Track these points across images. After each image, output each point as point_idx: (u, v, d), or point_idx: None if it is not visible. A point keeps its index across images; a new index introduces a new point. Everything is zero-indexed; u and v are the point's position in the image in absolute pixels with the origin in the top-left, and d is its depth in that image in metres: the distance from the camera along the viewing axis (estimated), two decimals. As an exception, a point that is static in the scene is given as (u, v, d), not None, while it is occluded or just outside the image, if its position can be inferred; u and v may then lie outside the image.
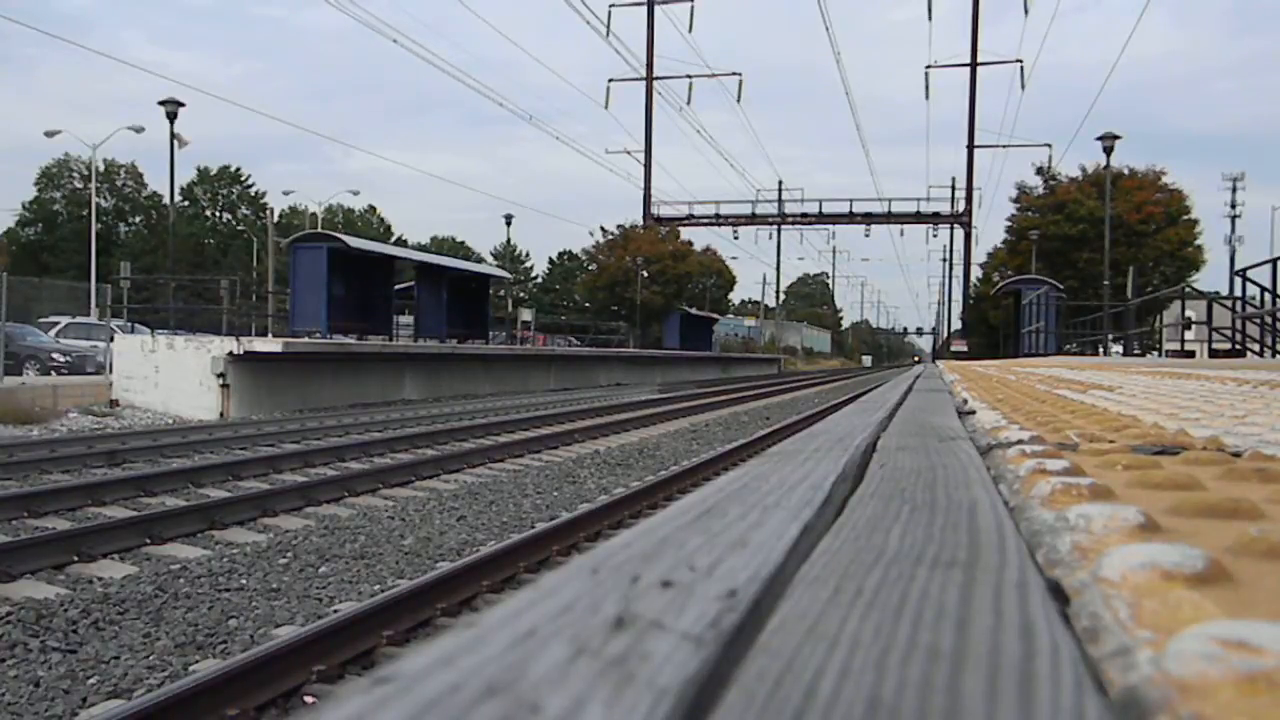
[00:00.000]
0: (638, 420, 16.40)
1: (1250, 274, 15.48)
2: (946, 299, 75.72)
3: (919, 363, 50.12)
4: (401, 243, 63.78)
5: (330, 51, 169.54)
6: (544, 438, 13.00)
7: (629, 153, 55.53)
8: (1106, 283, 25.30)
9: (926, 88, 71.61)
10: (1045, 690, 0.42)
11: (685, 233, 53.38)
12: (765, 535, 0.72)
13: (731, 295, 70.72)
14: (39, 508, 7.41)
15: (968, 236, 51.40)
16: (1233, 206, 55.88)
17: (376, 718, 0.37)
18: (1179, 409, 2.36)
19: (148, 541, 6.57)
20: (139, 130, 37.44)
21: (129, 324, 25.31)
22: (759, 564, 0.62)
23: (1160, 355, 21.37)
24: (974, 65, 49.61)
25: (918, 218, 54.09)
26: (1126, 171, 36.51)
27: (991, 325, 40.51)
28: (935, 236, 78.38)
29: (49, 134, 39.70)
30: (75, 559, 6.00)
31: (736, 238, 59.15)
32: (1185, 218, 36.52)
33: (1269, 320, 15.49)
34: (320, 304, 22.41)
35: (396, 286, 27.16)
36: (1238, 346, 16.86)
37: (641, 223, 51.92)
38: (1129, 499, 0.91)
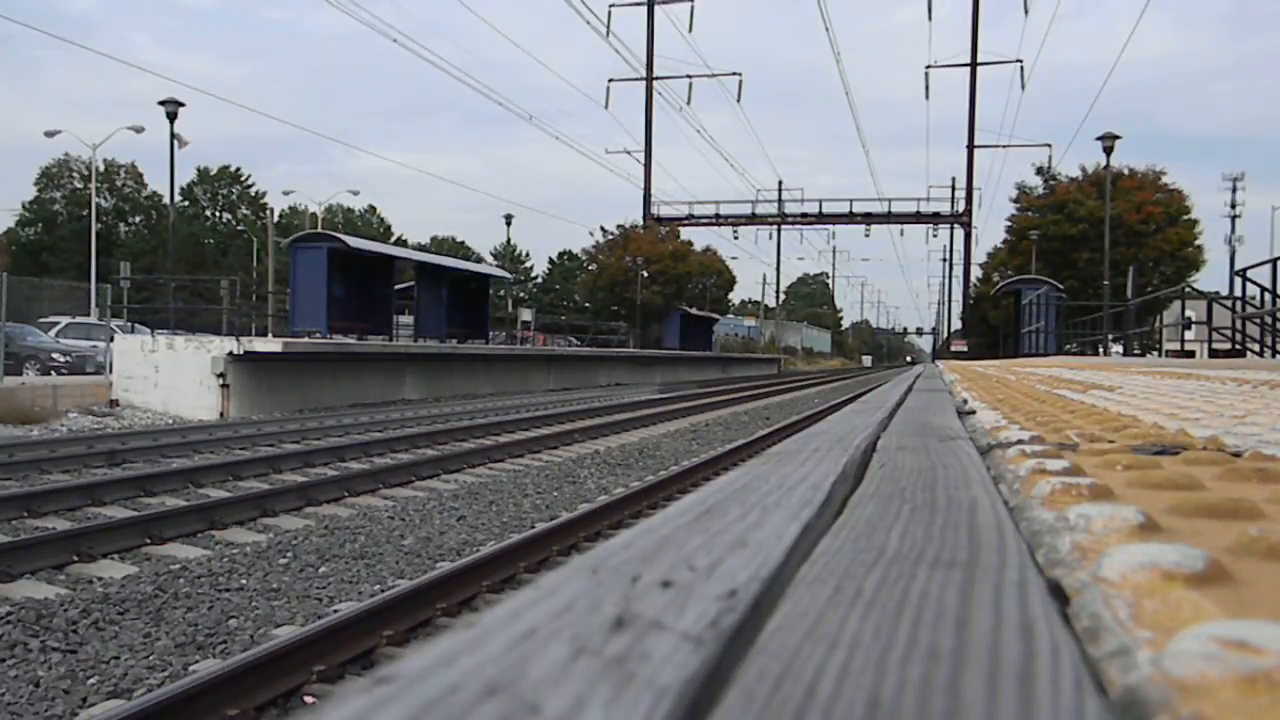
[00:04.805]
0: (638, 420, 16.40)
1: (1250, 274, 15.48)
2: (946, 299, 75.76)
3: (915, 363, 50.12)
4: (401, 243, 63.79)
5: (333, 53, 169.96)
6: (544, 438, 13.00)
7: (629, 153, 55.56)
8: (1106, 283, 25.31)
9: (926, 88, 71.42)
10: (1045, 690, 0.42)
11: (685, 233, 53.43)
12: (765, 535, 0.72)
13: (731, 295, 70.71)
14: (39, 508, 7.40)
15: (968, 236, 51.41)
16: (1233, 206, 55.87)
17: (376, 718, 0.37)
18: (1179, 409, 2.36)
19: (148, 541, 6.57)
20: (139, 130, 37.45)
21: (129, 324, 25.31)
22: (759, 564, 0.62)
23: (1160, 355, 21.37)
24: (974, 65, 49.59)
25: (918, 218, 54.06)
26: (1126, 171, 36.53)
27: (991, 325, 40.54)
28: (935, 236, 78.50)
29: (49, 134, 39.71)
30: (75, 559, 6.00)
31: (736, 238, 59.18)
32: (1185, 218, 36.55)
33: (1269, 320, 15.48)
34: (320, 304, 22.40)
35: (396, 286, 27.15)
36: (1238, 346, 16.86)
37: (641, 223, 51.91)
38: (1129, 499, 0.91)
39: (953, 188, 52.96)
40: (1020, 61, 49.47)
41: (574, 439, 13.46)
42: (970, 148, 49.25)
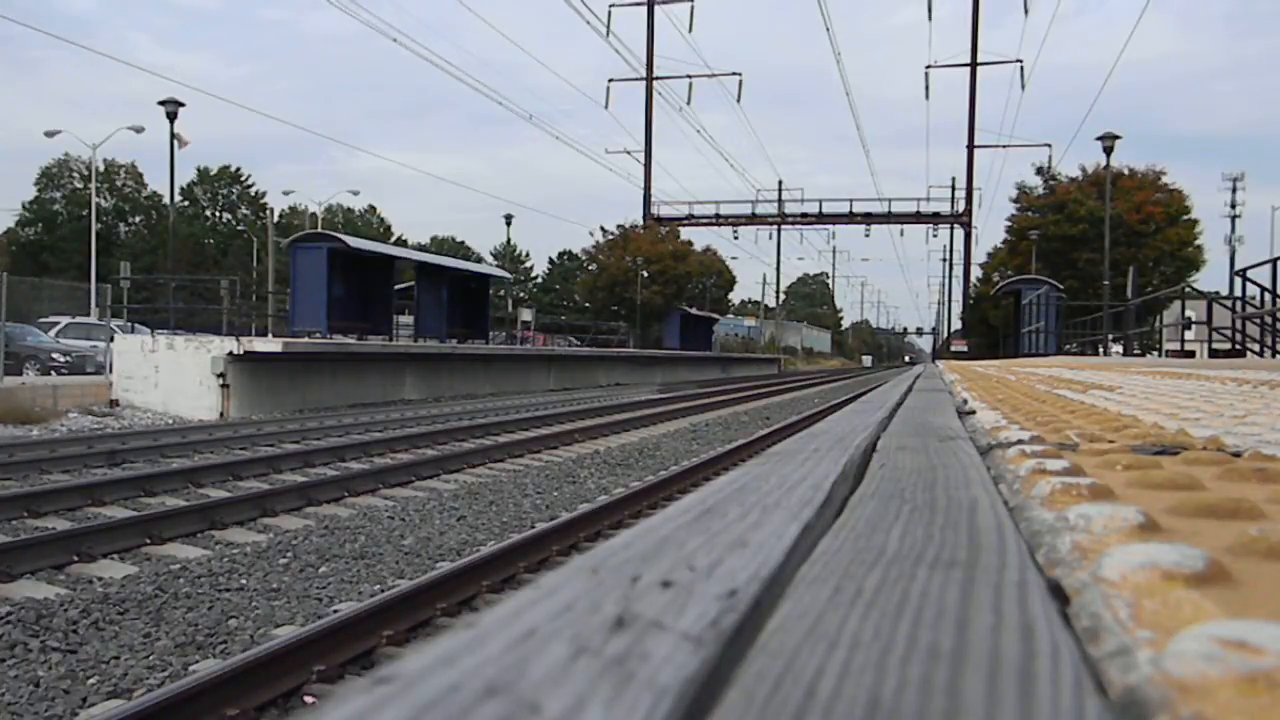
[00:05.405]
0: (638, 420, 16.39)
1: (1250, 274, 15.48)
2: (946, 299, 75.74)
3: (914, 363, 50.13)
4: (401, 243, 63.78)
5: (333, 53, 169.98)
6: (544, 438, 13.00)
7: (629, 153, 55.56)
8: (1106, 283, 25.31)
9: (926, 88, 71.29)
10: (1045, 690, 0.42)
11: (685, 233, 53.45)
12: (765, 535, 0.72)
13: (731, 295, 70.70)
14: (39, 508, 7.40)
15: (968, 236, 51.42)
16: (1233, 206, 55.91)
17: (376, 718, 0.37)
18: (1179, 409, 2.36)
19: (148, 541, 6.57)
20: (139, 130, 37.44)
21: (129, 324, 25.31)
22: (759, 564, 0.62)
23: (1160, 355, 21.37)
24: (974, 65, 49.61)
25: (918, 218, 54.07)
26: (1126, 171, 36.55)
27: (991, 325, 40.53)
28: (935, 236, 78.50)
29: (49, 134, 39.71)
30: (75, 559, 6.00)
31: (736, 238, 59.19)
32: (1185, 218, 36.58)
33: (1269, 320, 15.48)
34: (320, 304, 22.40)
35: (396, 286, 27.15)
36: (1238, 346, 16.86)
37: (641, 223, 51.93)
38: (1129, 499, 0.91)
39: (953, 188, 53.01)
40: (1020, 61, 49.54)
41: (574, 439, 13.46)
42: (970, 148, 49.28)
